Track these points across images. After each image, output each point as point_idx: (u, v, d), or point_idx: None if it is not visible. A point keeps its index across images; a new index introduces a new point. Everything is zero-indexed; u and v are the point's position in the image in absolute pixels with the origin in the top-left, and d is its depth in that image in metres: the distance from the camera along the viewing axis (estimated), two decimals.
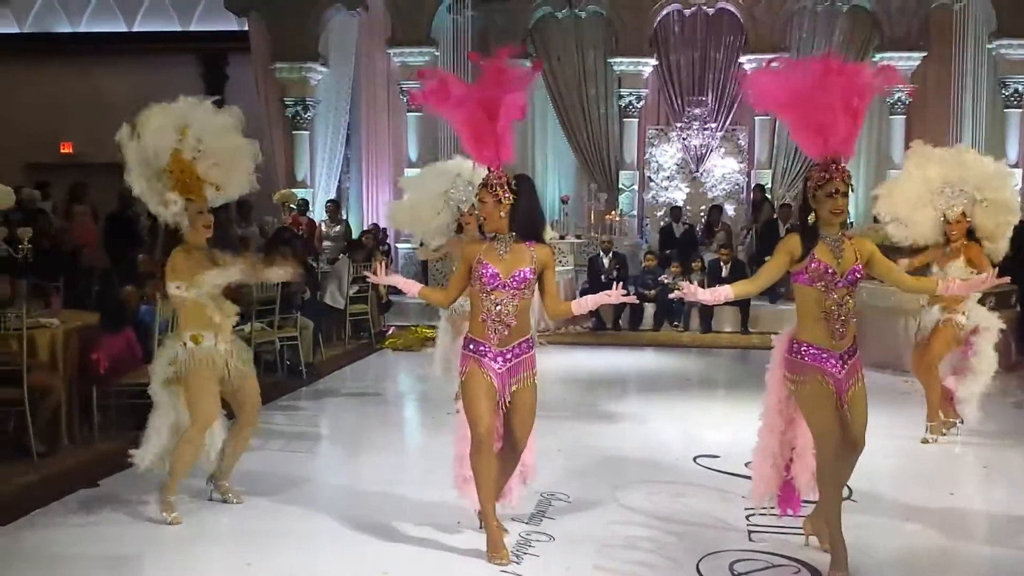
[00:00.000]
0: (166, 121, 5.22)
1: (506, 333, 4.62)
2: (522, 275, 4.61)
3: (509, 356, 4.64)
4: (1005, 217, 7.00)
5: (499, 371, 4.63)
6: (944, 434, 7.07)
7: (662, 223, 15.76)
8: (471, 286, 4.71)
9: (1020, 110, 14.38)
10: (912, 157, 7.23)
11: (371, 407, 8.71)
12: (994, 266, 6.84)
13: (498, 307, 4.61)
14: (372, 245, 12.99)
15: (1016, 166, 13.92)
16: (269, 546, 4.95)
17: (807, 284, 4.47)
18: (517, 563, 4.68)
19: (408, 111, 15.27)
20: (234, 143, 5.39)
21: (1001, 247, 7.01)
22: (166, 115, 5.26)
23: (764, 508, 5.22)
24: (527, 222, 4.66)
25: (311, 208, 14.70)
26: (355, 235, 14.18)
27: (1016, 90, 14.30)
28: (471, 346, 4.68)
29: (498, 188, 4.60)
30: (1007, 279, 4.59)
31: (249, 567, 4.67)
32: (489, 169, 4.68)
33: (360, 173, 16.08)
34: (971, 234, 6.93)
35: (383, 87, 15.65)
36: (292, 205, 13.39)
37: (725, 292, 4.55)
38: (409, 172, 15.23)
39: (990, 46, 14.36)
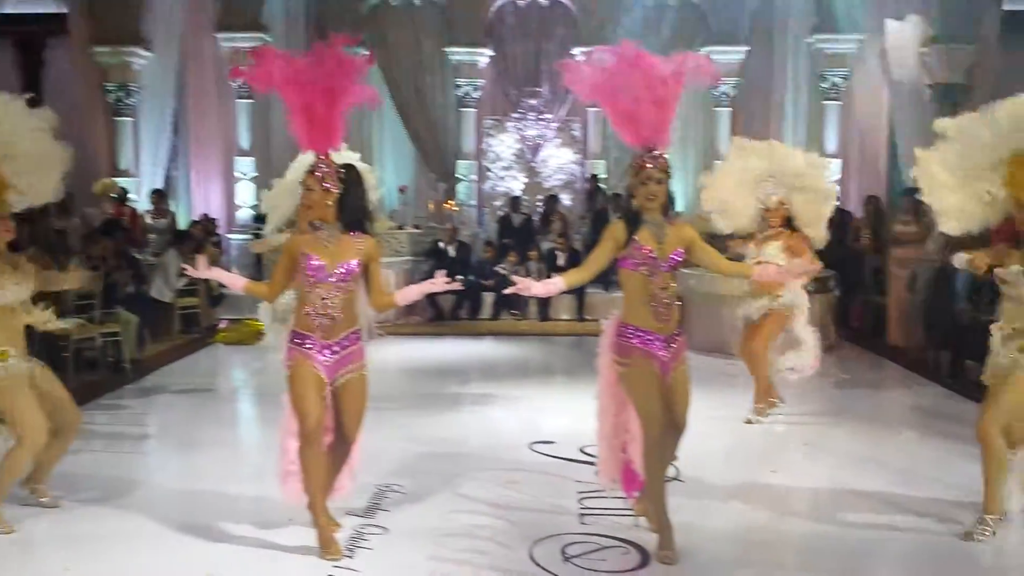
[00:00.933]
0: None
1: (332, 326, 4.52)
2: (348, 267, 4.52)
3: (336, 348, 4.55)
4: (823, 205, 7.35)
5: (326, 364, 4.53)
6: (767, 415, 7.36)
7: (500, 213, 15.86)
8: (296, 278, 4.59)
9: (838, 103, 15.14)
10: (733, 150, 7.57)
11: (201, 403, 8.38)
12: (817, 253, 7.27)
13: (323, 300, 4.50)
14: (202, 236, 12.53)
15: (835, 156, 14.70)
16: (88, 549, 4.72)
17: (632, 269, 4.56)
18: (350, 557, 4.59)
19: (238, 98, 14.80)
20: (43, 148, 5.06)
21: (820, 233, 7.35)
22: None
23: (597, 491, 5.34)
24: (354, 212, 4.57)
25: (137, 198, 14.07)
26: (184, 226, 13.65)
27: (834, 83, 15.05)
28: (296, 339, 4.56)
29: (326, 176, 4.50)
30: (819, 266, 4.80)
31: (67, 572, 4.44)
32: (318, 156, 4.56)
33: (188, 162, 15.47)
34: (789, 223, 7.24)
35: (211, 72, 15.09)
36: (113, 195, 12.77)
37: (557, 284, 4.61)
38: (240, 160, 14.87)
39: (809, 40, 15.07)
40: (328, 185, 4.50)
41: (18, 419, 4.96)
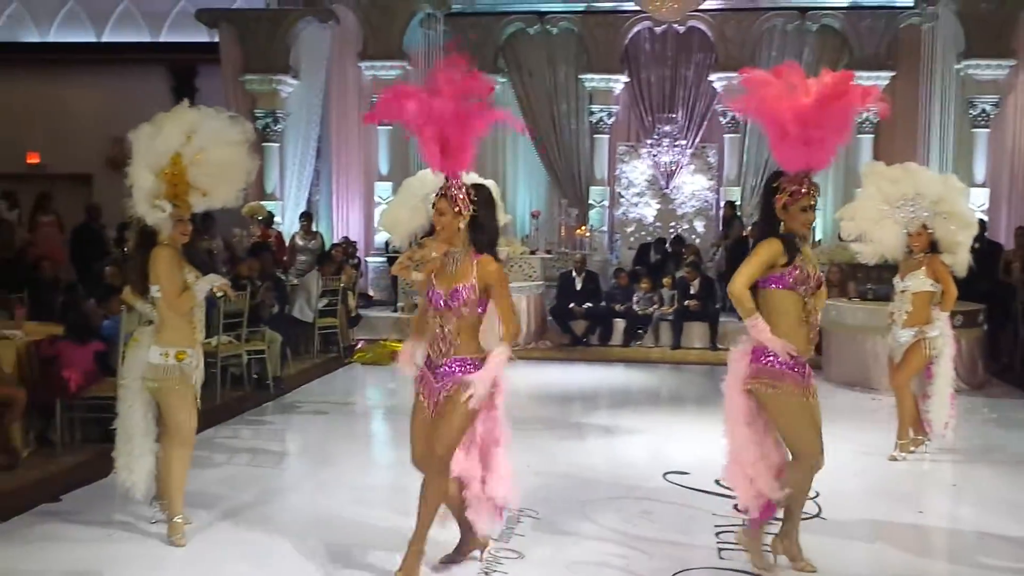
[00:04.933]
0: (178, 125, 5.16)
1: (446, 350, 4.47)
2: (461, 290, 4.43)
3: (443, 371, 4.48)
4: (963, 230, 7.08)
5: (433, 387, 4.51)
6: (912, 451, 7.10)
7: (633, 239, 15.82)
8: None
9: (987, 130, 14.54)
10: (868, 176, 7.35)
11: (338, 421, 8.62)
12: (958, 281, 7.01)
13: (440, 324, 4.48)
14: (342, 259, 12.91)
15: (983, 185, 14.12)
16: (214, 567, 4.85)
17: (789, 288, 4.50)
18: None
19: (379, 124, 15.25)
20: (232, 155, 5.31)
21: (961, 260, 7.08)
22: (180, 119, 5.19)
23: (734, 525, 5.25)
24: (486, 234, 4.50)
25: (281, 221, 14.62)
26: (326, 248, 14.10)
27: (983, 110, 14.46)
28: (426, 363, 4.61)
29: (458, 199, 4.43)
30: (792, 348, 4.56)
31: None
32: (448, 178, 4.51)
33: (330, 186, 15.99)
34: (934, 248, 7.00)
35: (354, 100, 15.58)
36: (259, 218, 13.30)
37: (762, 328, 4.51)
38: (379, 186, 15.27)
39: (958, 66, 14.53)
40: (459, 207, 4.46)
41: (178, 418, 5.12)
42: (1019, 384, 10.20)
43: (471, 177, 7.49)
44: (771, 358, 4.52)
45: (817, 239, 14.99)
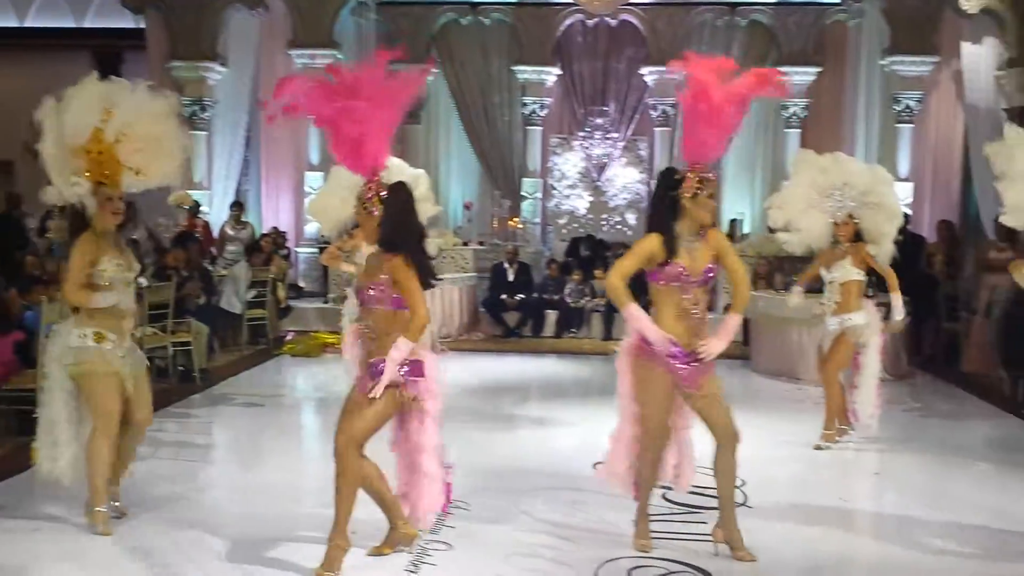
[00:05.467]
0: (92, 98, 5.00)
1: (373, 348, 4.49)
2: (374, 287, 4.45)
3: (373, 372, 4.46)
4: (889, 221, 7.22)
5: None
6: (837, 441, 7.23)
7: (565, 231, 15.87)
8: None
9: (911, 125, 14.86)
10: (798, 164, 7.47)
11: (266, 414, 8.49)
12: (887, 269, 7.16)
13: (365, 321, 4.53)
14: (272, 249, 12.74)
15: (907, 180, 14.43)
16: (144, 561, 4.75)
17: (665, 283, 4.66)
18: (414, 573, 4.60)
19: (291, 118, 15.00)
20: (162, 129, 5.17)
21: (885, 250, 7.23)
22: (93, 92, 5.04)
23: (664, 514, 5.31)
24: (387, 234, 4.44)
25: (209, 211, 14.35)
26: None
27: (907, 106, 14.77)
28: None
29: (369, 200, 4.46)
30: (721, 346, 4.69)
31: None
32: (366, 178, 4.51)
33: (260, 176, 15.75)
34: (858, 237, 7.13)
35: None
36: (186, 207, 13.05)
37: (733, 325, 4.69)
38: (310, 175, 15.06)
39: (883, 62, 14.82)
40: (371, 207, 4.46)
41: (96, 403, 5.02)
42: (941, 374, 10.47)
43: (399, 168, 7.45)
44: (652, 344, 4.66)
45: (745, 232, 15.21)
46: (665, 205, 4.70)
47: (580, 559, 4.83)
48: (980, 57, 13.45)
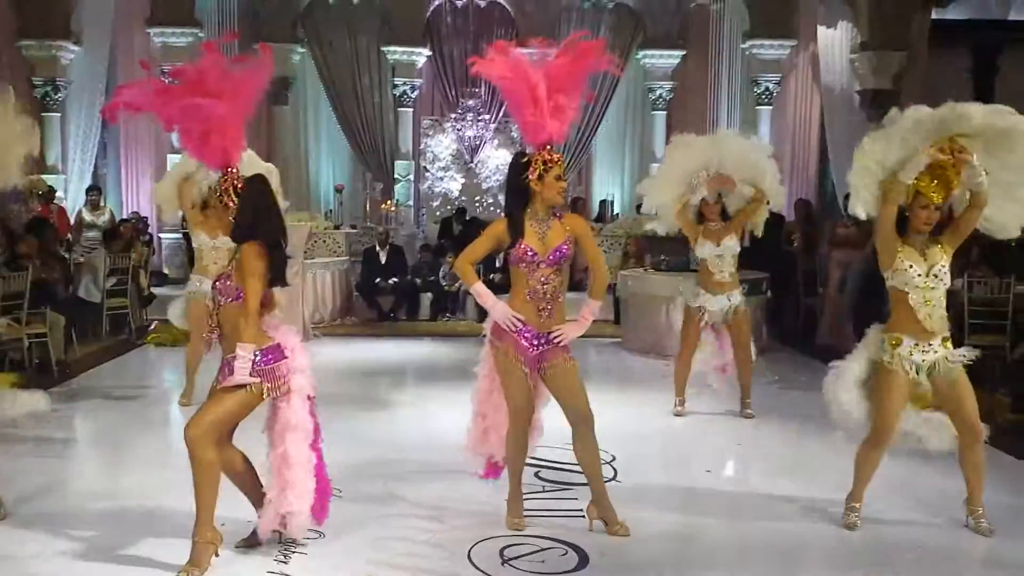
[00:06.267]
0: None
1: (224, 343, 4.43)
2: (222, 280, 4.43)
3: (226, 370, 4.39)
4: (768, 177, 7.36)
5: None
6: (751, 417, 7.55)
7: (439, 213, 15.83)
8: None
9: (770, 107, 15.37)
10: (673, 146, 7.58)
11: (130, 407, 8.20)
12: (744, 251, 7.41)
13: (214, 315, 4.47)
14: (132, 235, 12.28)
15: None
16: (4, 562, 4.56)
17: (514, 264, 4.78)
18: (284, 563, 4.53)
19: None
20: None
21: (758, 222, 7.43)
22: None
23: (536, 492, 5.38)
24: (239, 228, 4.38)
25: (64, 196, 13.74)
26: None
27: (767, 88, 15.27)
28: None
29: (222, 193, 4.42)
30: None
31: None
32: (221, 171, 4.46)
33: (119, 159, 15.17)
34: (724, 215, 7.32)
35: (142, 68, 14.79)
36: (39, 192, 12.46)
37: (591, 311, 4.79)
38: (172, 158, 14.56)
39: (743, 46, 15.26)
40: (226, 199, 4.42)
41: None
42: (800, 348, 10.87)
43: (250, 160, 7.29)
44: None
45: (615, 212, 15.48)
46: (513, 188, 4.78)
47: (453, 540, 4.85)
48: (835, 40, 13.98)
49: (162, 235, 14.65)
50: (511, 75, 4.71)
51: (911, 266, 4.80)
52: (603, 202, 15.93)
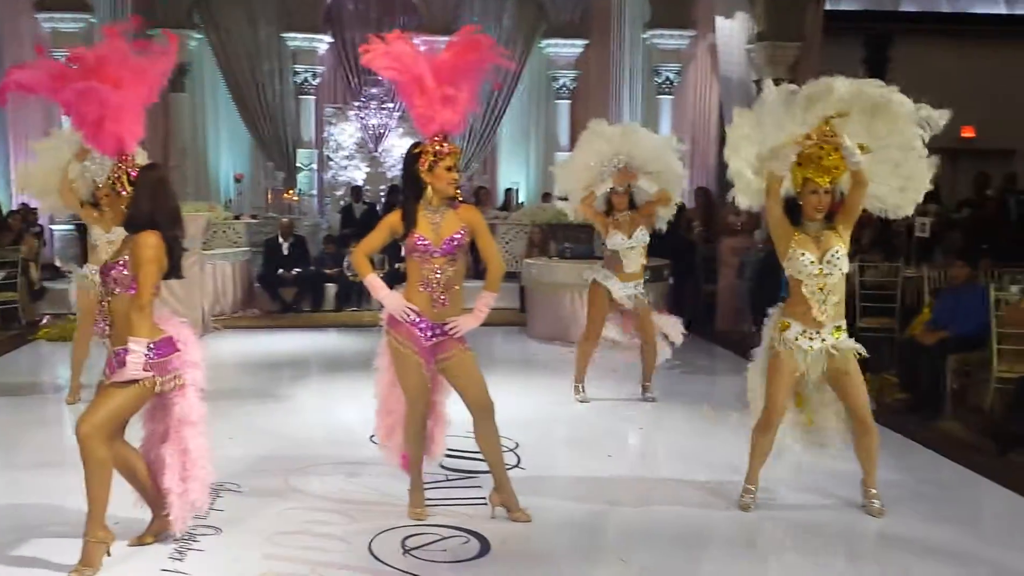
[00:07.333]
0: None
1: (112, 334, 4.31)
2: (113, 268, 4.31)
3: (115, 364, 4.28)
4: (675, 185, 7.49)
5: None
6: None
7: (342, 203, 15.64)
8: None
9: (670, 97, 15.59)
10: (586, 135, 7.60)
11: (24, 404, 7.92)
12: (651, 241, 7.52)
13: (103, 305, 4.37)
14: (22, 227, 11.85)
15: None
16: None
17: (408, 255, 4.77)
18: (180, 560, 4.44)
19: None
20: None
21: (664, 215, 7.52)
22: None
23: (437, 482, 5.38)
24: (131, 217, 4.27)
25: None
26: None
27: (667, 78, 15.48)
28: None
29: (115, 182, 4.35)
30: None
31: None
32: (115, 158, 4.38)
33: (6, 147, 14.59)
34: (632, 205, 7.39)
35: (31, 55, 14.21)
36: None
37: (486, 303, 4.79)
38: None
39: (644, 36, 15.44)
40: (119, 187, 4.34)
41: None
42: (700, 332, 11.06)
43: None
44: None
45: (520, 201, 15.53)
46: (406, 178, 4.79)
47: (354, 532, 4.81)
48: (732, 31, 14.22)
49: (53, 227, 14.14)
50: (398, 66, 4.71)
51: (803, 254, 4.91)
52: (508, 191, 15.97)
